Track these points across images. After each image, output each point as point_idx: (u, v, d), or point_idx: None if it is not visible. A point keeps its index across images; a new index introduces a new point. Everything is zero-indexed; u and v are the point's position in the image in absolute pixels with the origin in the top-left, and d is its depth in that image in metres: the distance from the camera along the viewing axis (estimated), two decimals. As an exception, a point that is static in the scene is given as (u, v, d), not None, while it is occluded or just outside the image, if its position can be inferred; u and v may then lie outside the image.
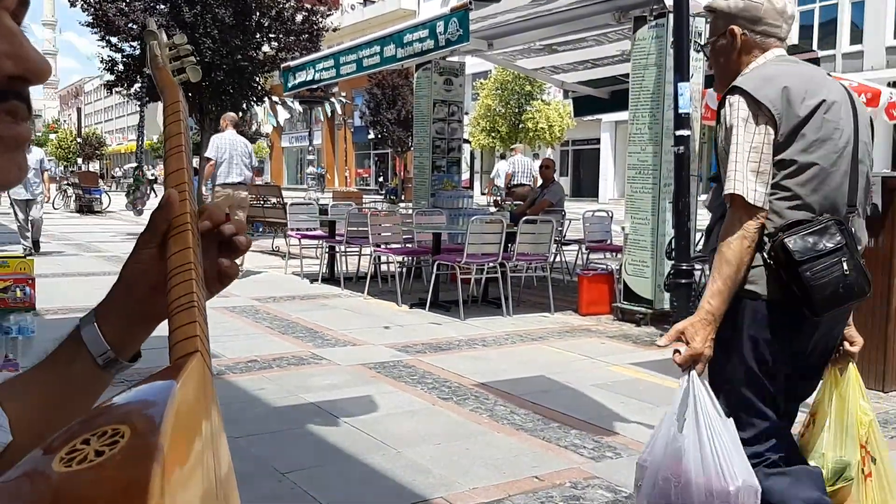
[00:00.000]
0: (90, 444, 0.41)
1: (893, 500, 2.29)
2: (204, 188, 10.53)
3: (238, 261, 0.81)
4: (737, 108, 2.09)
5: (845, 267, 2.05)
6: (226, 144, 9.13)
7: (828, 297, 2.02)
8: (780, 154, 2.07)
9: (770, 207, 2.07)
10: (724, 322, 2.08)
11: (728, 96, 2.14)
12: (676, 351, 2.07)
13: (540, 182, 10.69)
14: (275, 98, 21.11)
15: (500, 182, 17.32)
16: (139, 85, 16.29)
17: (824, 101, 2.08)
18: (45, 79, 0.58)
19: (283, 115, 28.46)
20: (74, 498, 0.39)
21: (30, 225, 10.52)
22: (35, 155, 10.65)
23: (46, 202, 11.91)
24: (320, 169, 38.35)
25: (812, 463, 2.26)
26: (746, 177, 2.05)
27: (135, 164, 30.87)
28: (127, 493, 0.38)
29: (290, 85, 10.79)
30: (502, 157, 22.84)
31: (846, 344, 2.34)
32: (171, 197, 0.74)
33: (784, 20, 2.26)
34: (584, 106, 12.43)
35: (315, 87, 11.33)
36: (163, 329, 0.62)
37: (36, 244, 10.76)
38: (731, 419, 2.03)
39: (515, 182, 14.95)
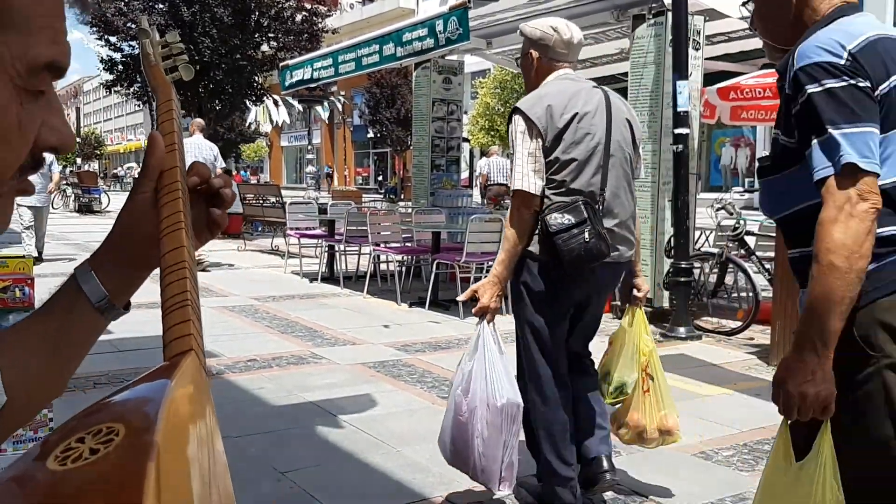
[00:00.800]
0: (85, 442, 0.41)
1: (663, 408, 3.10)
2: None
3: (204, 252, 0.82)
4: (516, 124, 2.85)
5: (586, 236, 2.72)
6: (192, 148, 9.27)
7: (574, 258, 2.73)
8: (549, 156, 2.81)
9: (546, 194, 2.81)
10: (514, 277, 2.92)
11: (512, 115, 2.88)
12: (474, 302, 2.88)
13: None
14: (275, 97, 21.10)
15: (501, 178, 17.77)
16: (138, 85, 16.28)
17: (577, 113, 2.80)
18: (71, 150, 0.66)
19: (283, 114, 28.44)
20: (70, 496, 0.39)
21: (34, 232, 10.45)
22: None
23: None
24: (327, 169, 38.19)
25: (606, 382, 3.16)
26: (526, 175, 2.80)
27: (135, 164, 30.82)
28: (122, 491, 0.38)
29: (287, 83, 10.78)
30: (483, 153, 23.37)
31: (635, 291, 3.14)
32: (154, 137, 0.76)
33: (570, 49, 3.02)
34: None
35: (314, 86, 11.33)
36: (157, 328, 0.62)
37: (40, 254, 10.66)
38: (505, 354, 2.86)
39: (492, 182, 15.45)
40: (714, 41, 8.31)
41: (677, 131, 6.39)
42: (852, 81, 1.57)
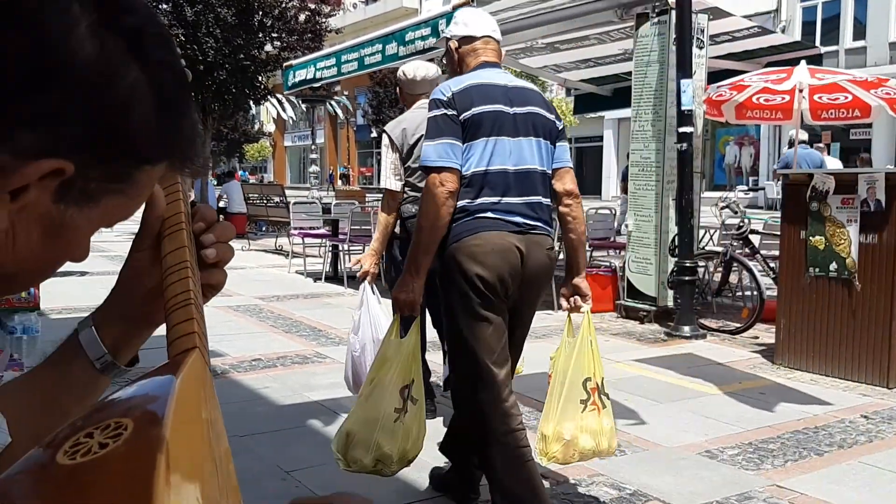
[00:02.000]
0: (94, 437, 0.42)
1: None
2: None
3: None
4: (383, 141, 4.14)
5: None
6: None
7: None
8: (405, 164, 4.01)
9: (405, 191, 3.99)
10: (386, 250, 4.18)
11: (381, 133, 4.21)
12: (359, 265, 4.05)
13: None
14: (279, 96, 21.11)
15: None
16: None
17: (421, 135, 3.29)
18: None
19: (289, 111, 28.47)
20: (79, 490, 0.39)
21: None
22: None
23: None
24: (343, 169, 37.85)
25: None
26: (388, 177, 4.01)
27: None
28: (132, 485, 0.38)
29: (290, 83, 10.79)
30: None
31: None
32: (155, 195, 0.74)
33: (416, 85, 4.28)
34: (585, 103, 12.40)
35: (317, 85, 11.33)
36: (161, 328, 0.62)
37: None
38: (382, 303, 3.66)
39: None
40: (718, 40, 8.29)
41: (681, 130, 6.38)
42: (444, 111, 2.70)
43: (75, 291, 7.56)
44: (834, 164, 15.62)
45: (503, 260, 2.66)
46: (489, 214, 2.69)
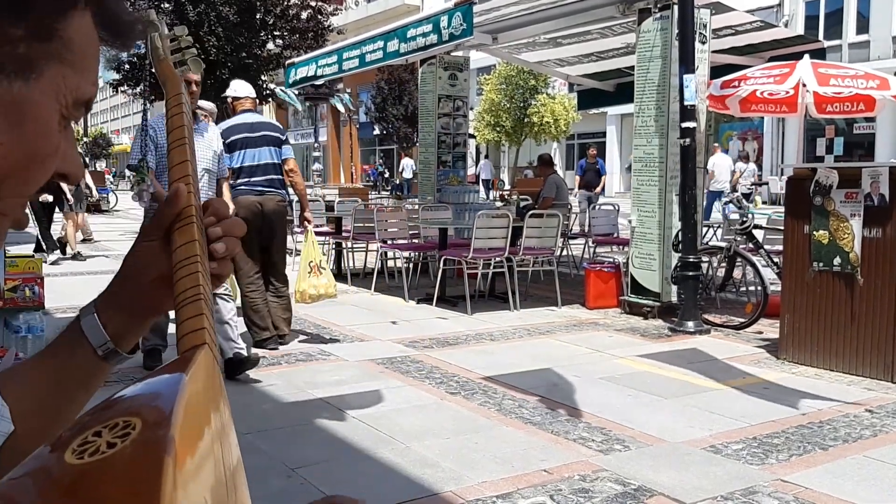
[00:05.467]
0: (102, 436, 0.42)
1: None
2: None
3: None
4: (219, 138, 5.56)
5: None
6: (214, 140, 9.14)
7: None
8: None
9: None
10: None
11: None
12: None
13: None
14: (286, 90, 21.16)
15: (408, 174, 22.90)
16: (145, 84, 16.33)
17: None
18: (79, 181, 0.74)
19: (297, 104, 28.47)
20: (87, 490, 0.39)
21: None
22: None
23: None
24: (379, 167, 37.30)
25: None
26: (224, 163, 5.30)
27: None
28: (140, 485, 0.38)
29: (291, 81, 10.80)
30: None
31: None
32: (179, 191, 0.74)
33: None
34: (589, 99, 12.39)
35: (319, 83, 11.33)
36: (170, 324, 0.62)
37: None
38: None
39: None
40: (720, 34, 8.27)
41: (684, 125, 6.37)
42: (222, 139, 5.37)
43: (80, 291, 7.57)
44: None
45: (247, 210, 5.28)
46: (242, 188, 5.48)
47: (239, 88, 5.81)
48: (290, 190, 5.88)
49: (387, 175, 35.89)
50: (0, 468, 0.52)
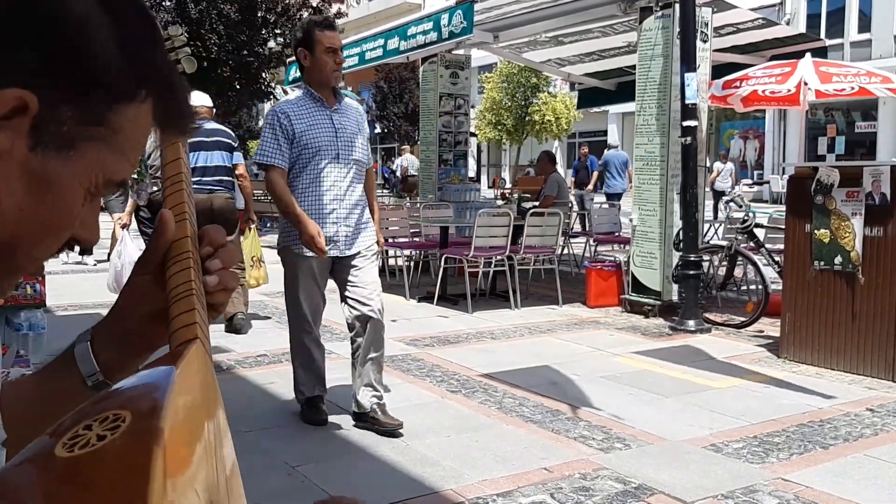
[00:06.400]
0: (92, 429, 0.42)
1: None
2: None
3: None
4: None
5: None
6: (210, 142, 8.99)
7: None
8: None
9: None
10: None
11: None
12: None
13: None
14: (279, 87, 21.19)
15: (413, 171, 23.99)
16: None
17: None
18: (89, 249, 0.71)
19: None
20: (78, 482, 0.39)
21: None
22: None
23: None
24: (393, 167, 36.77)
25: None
26: None
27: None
28: (129, 476, 0.38)
29: (291, 78, 10.81)
30: (400, 154, 28.32)
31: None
32: (164, 217, 0.71)
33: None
34: (589, 97, 12.38)
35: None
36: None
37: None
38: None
39: (410, 174, 19.06)
40: (722, 33, 8.26)
41: (685, 123, 6.36)
42: None
43: (81, 289, 7.57)
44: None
45: (199, 206, 5.27)
46: (193, 186, 5.57)
47: (194, 98, 6.46)
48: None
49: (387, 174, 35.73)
50: None
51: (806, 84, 7.90)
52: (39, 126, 0.55)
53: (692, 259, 6.39)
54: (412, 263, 8.97)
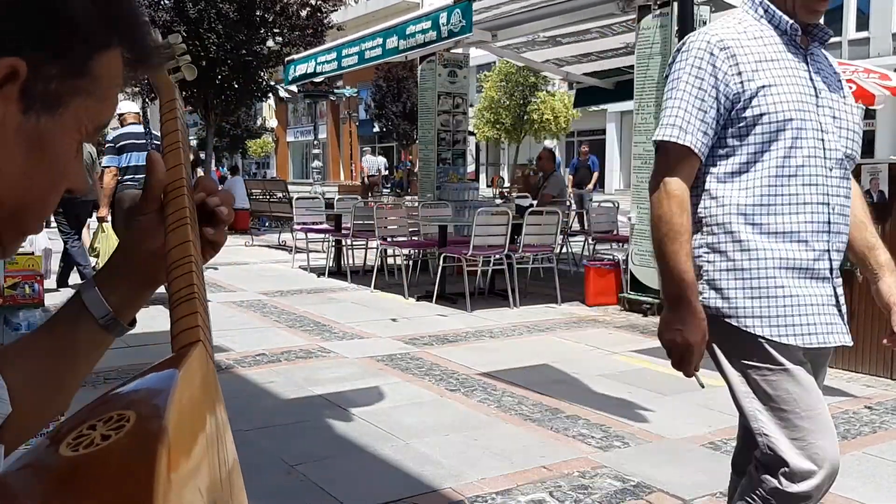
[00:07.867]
0: (96, 429, 0.42)
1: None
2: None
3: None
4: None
5: None
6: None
7: None
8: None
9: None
10: None
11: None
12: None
13: (541, 174, 10.69)
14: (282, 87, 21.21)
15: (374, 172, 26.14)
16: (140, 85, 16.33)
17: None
18: (83, 194, 0.87)
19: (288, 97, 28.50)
20: (82, 481, 0.40)
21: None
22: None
23: None
24: (408, 164, 36.43)
25: None
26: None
27: None
28: (133, 475, 0.39)
29: (290, 78, 10.81)
30: (371, 153, 30.25)
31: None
32: (152, 157, 0.77)
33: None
34: (587, 96, 12.37)
35: (318, 80, 11.34)
36: (166, 324, 0.63)
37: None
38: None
39: (372, 173, 23.37)
40: (720, 31, 8.26)
41: (684, 122, 6.36)
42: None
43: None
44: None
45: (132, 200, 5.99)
46: (128, 182, 6.26)
47: (122, 106, 7.06)
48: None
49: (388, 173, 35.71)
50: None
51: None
52: (29, 89, 0.56)
53: (691, 257, 6.39)
54: (411, 262, 8.98)
